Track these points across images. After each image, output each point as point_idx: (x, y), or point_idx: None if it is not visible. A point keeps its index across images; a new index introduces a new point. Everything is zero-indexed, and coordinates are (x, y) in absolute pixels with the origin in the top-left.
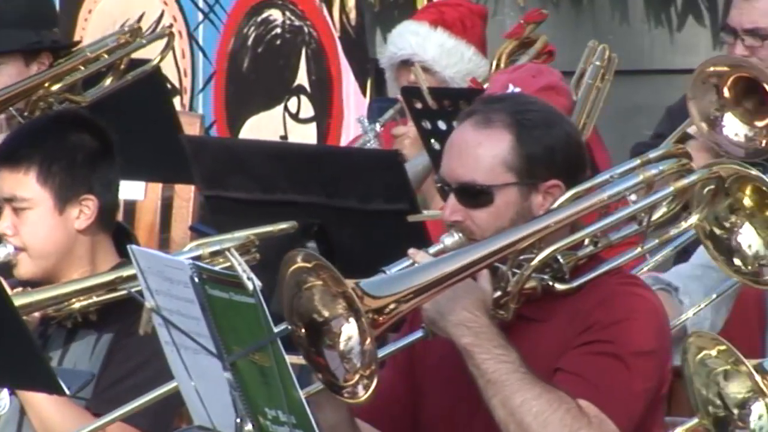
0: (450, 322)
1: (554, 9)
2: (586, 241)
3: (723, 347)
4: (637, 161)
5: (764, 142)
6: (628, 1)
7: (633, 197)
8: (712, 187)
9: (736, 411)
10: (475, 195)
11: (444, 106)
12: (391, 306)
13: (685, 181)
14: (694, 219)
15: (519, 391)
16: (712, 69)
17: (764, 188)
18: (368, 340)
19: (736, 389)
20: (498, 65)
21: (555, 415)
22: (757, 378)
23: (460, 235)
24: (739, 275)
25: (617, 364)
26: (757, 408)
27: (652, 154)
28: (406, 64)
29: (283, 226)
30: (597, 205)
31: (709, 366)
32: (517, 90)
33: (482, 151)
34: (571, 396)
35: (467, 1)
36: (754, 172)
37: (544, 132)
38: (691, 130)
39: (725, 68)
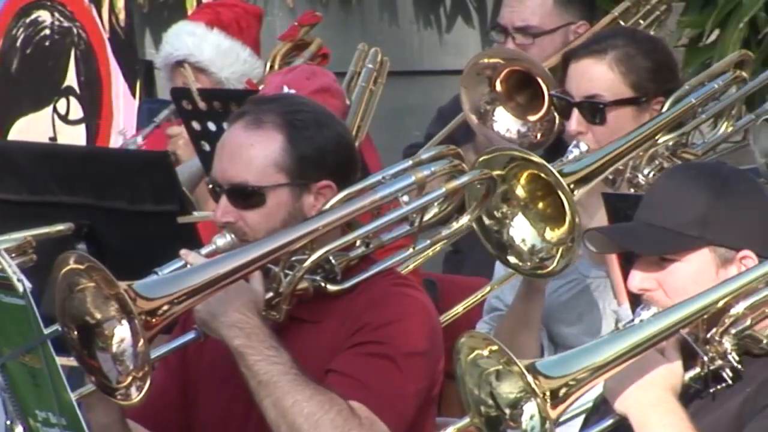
0: (222, 324)
1: (323, 10)
2: (358, 243)
3: (495, 347)
4: (409, 162)
5: (539, 135)
6: (397, 2)
7: (405, 198)
8: (485, 187)
9: (508, 411)
10: (246, 196)
11: (214, 108)
12: (165, 308)
13: (456, 182)
14: (465, 220)
15: (290, 393)
16: (486, 61)
17: (543, 175)
18: (141, 342)
19: (508, 389)
20: (272, 67)
21: (326, 416)
22: (529, 378)
23: (233, 236)
24: (518, 271)
25: (389, 365)
26: (529, 408)
27: (424, 155)
28: (181, 65)
29: (60, 227)
30: (369, 206)
31: (482, 366)
32: (292, 92)
33: (253, 152)
34: (343, 397)
35: (242, 1)
36: (536, 158)
37: (315, 133)
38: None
39: (499, 60)
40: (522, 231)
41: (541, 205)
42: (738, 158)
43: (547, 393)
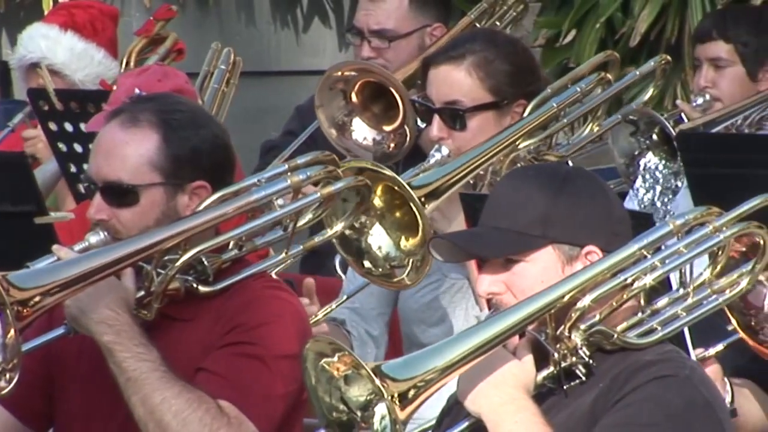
0: (92, 320)
1: (180, 10)
2: (232, 245)
3: (342, 352)
4: (285, 166)
5: (392, 145)
6: (254, 3)
7: (280, 201)
8: (359, 194)
9: (359, 413)
10: (120, 194)
11: (71, 108)
12: (37, 299)
13: (331, 188)
14: (339, 227)
15: (158, 390)
16: (339, 74)
17: (396, 188)
18: (12, 333)
19: (359, 392)
20: (128, 63)
21: (194, 414)
22: (377, 382)
23: (106, 233)
24: (370, 276)
25: (259, 365)
26: (380, 409)
27: (300, 160)
28: (36, 66)
29: None
30: (244, 207)
31: (329, 371)
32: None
33: (128, 150)
34: (212, 396)
35: (98, 2)
36: (387, 172)
37: (191, 133)
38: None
39: (352, 73)
40: (379, 239)
41: (398, 214)
42: (597, 158)
43: (396, 395)
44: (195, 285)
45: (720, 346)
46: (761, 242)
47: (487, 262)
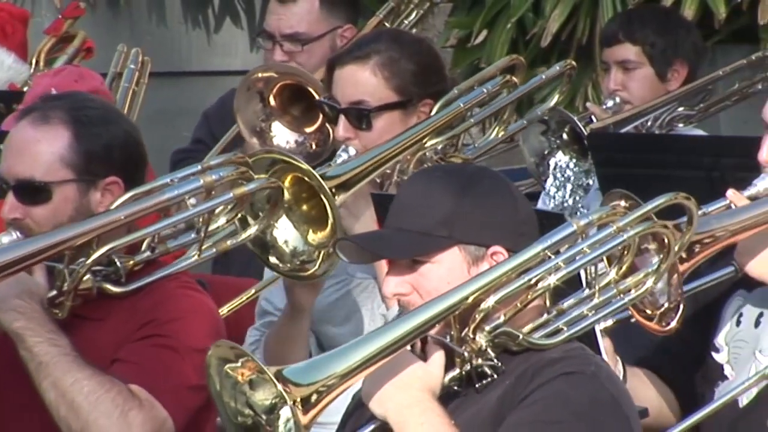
0: (1, 309)
1: (91, 10)
2: (144, 246)
3: (246, 357)
4: (198, 166)
5: (314, 145)
6: (165, 3)
7: (193, 201)
8: (272, 196)
9: (265, 417)
10: (32, 192)
11: None
12: None
13: (244, 189)
14: (252, 230)
15: (70, 372)
16: (259, 75)
17: (306, 179)
18: None
19: (263, 396)
20: (38, 63)
21: (107, 395)
22: (280, 387)
23: (18, 233)
24: (277, 272)
25: (172, 355)
26: (284, 413)
27: (213, 161)
28: None
29: None
30: (156, 206)
31: (234, 377)
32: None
33: (40, 147)
34: (124, 381)
35: (9, 4)
36: (301, 163)
37: (102, 129)
38: None
39: (272, 75)
40: (285, 233)
41: (305, 207)
42: (508, 158)
43: (299, 399)
44: (107, 285)
45: (610, 321)
46: (667, 240)
47: (394, 263)
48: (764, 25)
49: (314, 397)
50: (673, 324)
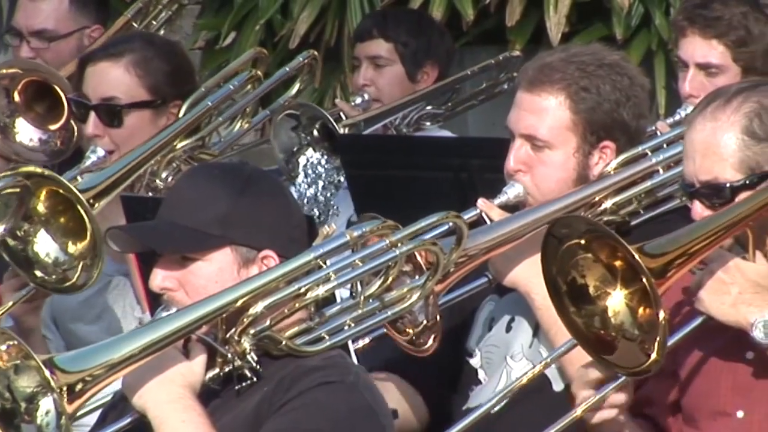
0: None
1: None
2: None
3: (13, 341)
4: None
5: (59, 143)
6: None
7: None
8: (17, 197)
9: (24, 404)
10: None
11: None
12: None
13: None
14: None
15: None
16: (2, 72)
17: (61, 191)
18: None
19: (26, 383)
20: None
21: None
22: (47, 372)
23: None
24: (45, 287)
25: None
26: (45, 403)
27: None
28: None
29: None
30: None
31: None
32: None
33: None
34: None
35: None
36: (58, 178)
37: None
38: None
39: (18, 71)
40: (46, 246)
41: (62, 219)
42: (259, 159)
43: (65, 388)
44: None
45: (367, 340)
46: (435, 259)
47: (163, 257)
48: (512, 26)
49: (80, 386)
50: (431, 343)
